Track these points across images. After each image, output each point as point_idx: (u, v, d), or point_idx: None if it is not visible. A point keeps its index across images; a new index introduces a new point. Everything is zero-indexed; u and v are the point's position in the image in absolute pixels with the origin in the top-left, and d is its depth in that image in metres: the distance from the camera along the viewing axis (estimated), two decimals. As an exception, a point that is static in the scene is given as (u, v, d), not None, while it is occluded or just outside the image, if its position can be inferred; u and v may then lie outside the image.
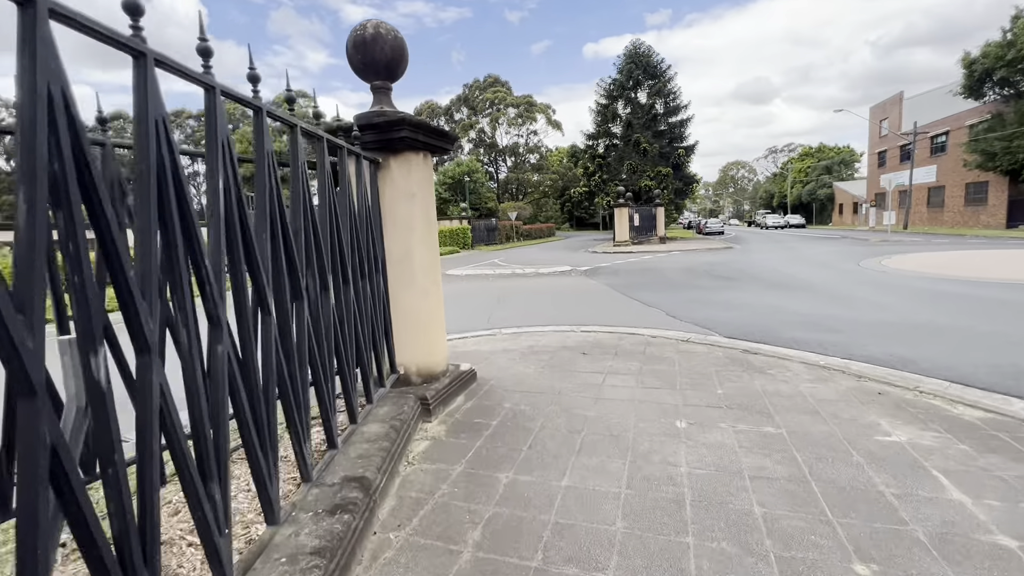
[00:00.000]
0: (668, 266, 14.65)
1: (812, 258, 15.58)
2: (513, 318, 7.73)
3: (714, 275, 12.01)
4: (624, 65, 36.30)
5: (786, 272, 12.07)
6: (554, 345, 5.57)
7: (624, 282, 11.46)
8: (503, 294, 10.41)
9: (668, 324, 6.74)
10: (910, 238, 23.74)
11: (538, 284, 11.89)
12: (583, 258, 19.88)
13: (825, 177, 62.26)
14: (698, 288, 9.96)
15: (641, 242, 26.89)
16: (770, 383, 3.96)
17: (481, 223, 32.92)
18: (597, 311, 8.02)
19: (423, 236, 3.64)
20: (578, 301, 9.14)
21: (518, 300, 9.55)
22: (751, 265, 14.07)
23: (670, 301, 8.59)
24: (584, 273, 13.87)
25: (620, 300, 9.01)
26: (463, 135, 64.64)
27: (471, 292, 11.01)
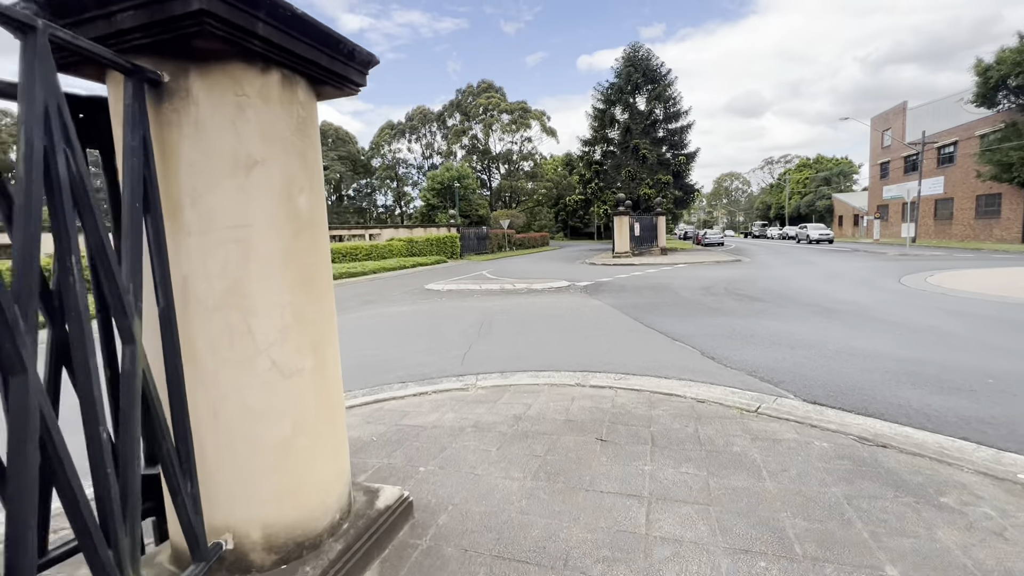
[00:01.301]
0: (680, 283, 12.81)
1: (839, 273, 13.83)
2: (496, 356, 5.81)
3: (738, 295, 10.17)
4: (623, 69, 34.85)
5: (821, 292, 10.28)
6: (553, 415, 3.65)
7: (633, 302, 9.59)
8: (488, 318, 8.49)
9: (710, 371, 4.84)
10: (929, 252, 22.15)
11: (531, 304, 9.99)
12: (581, 271, 18.03)
13: (824, 188, 61.23)
14: (727, 313, 8.10)
15: (641, 253, 25.12)
16: (969, 536, 2.07)
17: (471, 231, 31.06)
18: (608, 346, 6.12)
19: (281, 256, 1.72)
20: (581, 329, 7.24)
21: (505, 327, 7.63)
22: (776, 282, 12.27)
23: (698, 331, 6.71)
24: (584, 290, 11.99)
25: (634, 329, 7.11)
26: (456, 141, 63.05)
27: (449, 314, 9.08)
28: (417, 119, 67.86)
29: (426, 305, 10.24)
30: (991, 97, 28.15)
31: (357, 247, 21.33)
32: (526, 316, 8.53)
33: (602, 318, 8.09)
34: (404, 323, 8.29)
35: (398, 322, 8.41)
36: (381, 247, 22.69)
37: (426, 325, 8.01)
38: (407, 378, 5.09)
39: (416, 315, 9.06)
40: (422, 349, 6.35)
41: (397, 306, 10.29)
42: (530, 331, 7.24)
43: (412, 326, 7.98)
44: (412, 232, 26.46)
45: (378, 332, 7.61)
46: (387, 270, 19.67)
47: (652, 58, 34.68)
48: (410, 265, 21.37)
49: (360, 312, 9.67)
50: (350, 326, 8.18)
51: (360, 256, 21.25)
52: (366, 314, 9.38)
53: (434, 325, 7.99)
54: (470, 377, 4.92)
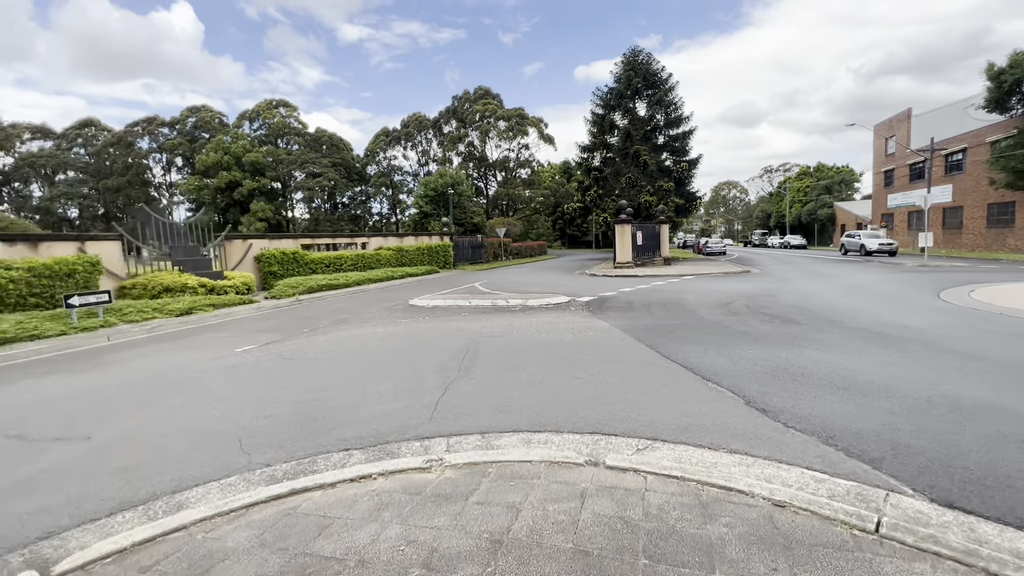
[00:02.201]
0: (693, 298, 11.50)
1: (863, 287, 12.56)
2: (479, 404, 4.46)
3: (765, 314, 8.87)
4: (622, 73, 33.82)
5: (857, 310, 8.98)
6: (552, 539, 2.30)
7: (645, 324, 8.27)
8: (474, 345, 7.15)
9: (767, 435, 3.51)
10: (948, 263, 20.95)
11: (526, 325, 8.65)
12: (581, 284, 16.72)
13: (825, 197, 60.32)
14: (759, 339, 6.79)
15: (644, 263, 23.86)
16: None
17: (465, 240, 29.74)
18: (622, 388, 4.78)
19: None
20: (586, 362, 5.90)
21: (494, 358, 6.29)
22: (800, 298, 10.98)
23: (732, 365, 5.39)
24: (587, 307, 10.66)
25: (652, 362, 5.78)
26: (452, 148, 62.01)
27: (429, 339, 7.74)
28: (413, 126, 66.83)
29: (405, 326, 8.89)
30: (1004, 102, 27.17)
31: (341, 256, 19.96)
32: (519, 342, 7.19)
33: (610, 345, 6.76)
34: (374, 351, 6.94)
35: (367, 349, 7.06)
36: (368, 256, 21.34)
37: (399, 354, 6.66)
38: (353, 441, 3.74)
39: (391, 340, 7.70)
40: (387, 391, 5.00)
41: (372, 327, 8.93)
42: (523, 364, 5.90)
43: (382, 355, 6.63)
44: (402, 240, 25.11)
45: (340, 363, 6.26)
46: (373, 281, 18.32)
47: (652, 62, 33.68)
48: (398, 276, 20.03)
49: (328, 335, 8.31)
50: (309, 354, 6.83)
51: (345, 266, 19.89)
52: (334, 337, 8.02)
53: (409, 354, 6.64)
54: (439, 443, 3.58)
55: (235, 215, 59.93)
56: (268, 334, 8.59)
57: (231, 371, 6.06)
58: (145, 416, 4.52)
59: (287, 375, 5.77)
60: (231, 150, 57.66)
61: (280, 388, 5.25)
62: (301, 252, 18.14)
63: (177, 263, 14.37)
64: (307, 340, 7.87)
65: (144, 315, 10.48)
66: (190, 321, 10.51)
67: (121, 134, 60.06)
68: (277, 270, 17.10)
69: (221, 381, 5.63)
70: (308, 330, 8.84)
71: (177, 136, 62.58)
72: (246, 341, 7.98)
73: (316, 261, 18.68)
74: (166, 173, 67.31)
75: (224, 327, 9.67)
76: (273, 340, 7.96)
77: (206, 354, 7.11)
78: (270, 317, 10.87)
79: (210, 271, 14.67)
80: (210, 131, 63.66)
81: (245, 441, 3.85)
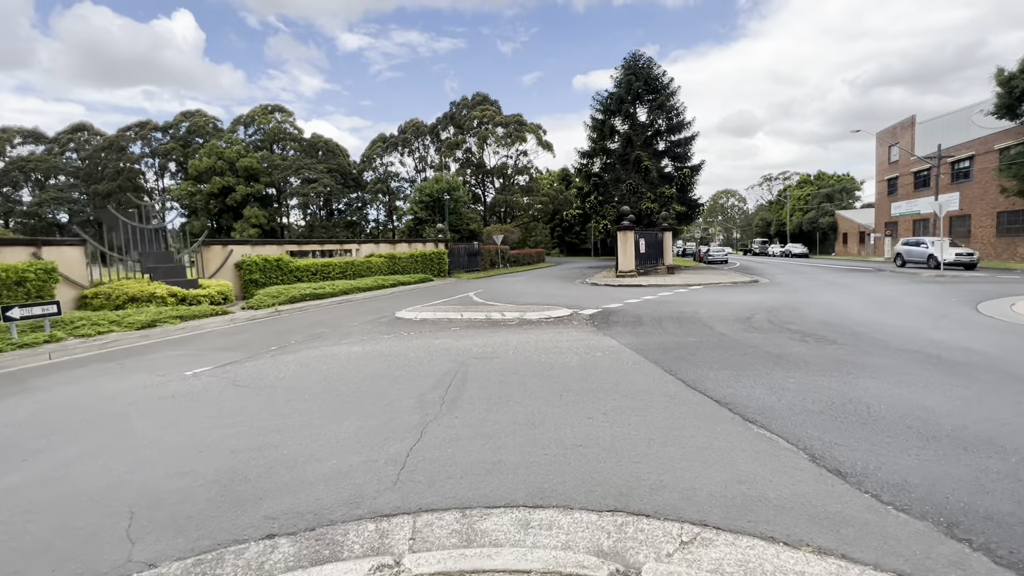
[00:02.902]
0: (707, 311, 10.50)
1: (889, 299, 11.59)
2: (461, 460, 3.42)
3: (793, 331, 7.86)
4: (623, 78, 33.07)
5: (894, 326, 8.00)
6: None
7: (659, 342, 7.26)
8: (462, 370, 6.12)
9: (856, 516, 2.48)
10: (967, 273, 20.04)
11: (523, 344, 7.63)
12: (583, 294, 15.71)
13: (826, 205, 59.68)
14: (798, 363, 5.78)
15: (647, 272, 22.89)
16: None
17: (461, 247, 28.76)
18: (645, 435, 3.76)
19: None
20: (596, 395, 4.88)
21: (484, 389, 5.27)
22: (824, 311, 10.00)
23: (777, 400, 4.38)
24: (591, 321, 9.65)
25: (677, 395, 4.77)
26: (449, 154, 61.27)
27: (410, 361, 6.71)
28: (410, 132, 66.11)
29: (387, 344, 7.86)
30: (1014, 108, 26.45)
31: (329, 264, 18.93)
32: (516, 365, 6.16)
33: (623, 371, 5.74)
34: (345, 376, 5.91)
35: (337, 374, 6.03)
36: (358, 264, 20.31)
37: (373, 381, 5.63)
38: (285, 520, 2.71)
39: (367, 361, 6.67)
40: (348, 434, 3.97)
41: (349, 344, 7.89)
42: (520, 395, 4.87)
43: (353, 382, 5.60)
44: (395, 247, 24.09)
45: (301, 393, 5.22)
46: (362, 290, 17.28)
47: (653, 67, 32.95)
48: (389, 284, 18.99)
49: (297, 354, 7.27)
50: (269, 379, 5.79)
51: (333, 274, 18.85)
52: (303, 358, 6.98)
53: (385, 381, 5.61)
54: (401, 528, 2.55)
55: (228, 221, 58.90)
56: (230, 352, 7.54)
57: (168, 403, 5.02)
58: (24, 474, 3.47)
59: (233, 409, 4.73)
60: (225, 155, 56.75)
61: (218, 428, 4.22)
62: (286, 259, 17.11)
63: (148, 270, 13.32)
64: (271, 361, 6.82)
65: (99, 328, 9.42)
66: (151, 335, 9.46)
67: (113, 138, 59.13)
68: (259, 278, 16.06)
69: (150, 417, 4.59)
70: (277, 348, 7.80)
71: (170, 141, 61.68)
72: (202, 361, 6.94)
73: (302, 269, 17.64)
74: (159, 178, 66.36)
75: (185, 343, 8.62)
76: (233, 360, 6.92)
77: (149, 378, 6.06)
78: (240, 331, 9.82)
79: (184, 279, 13.62)
80: (204, 136, 62.78)
81: (138, 517, 2.82)
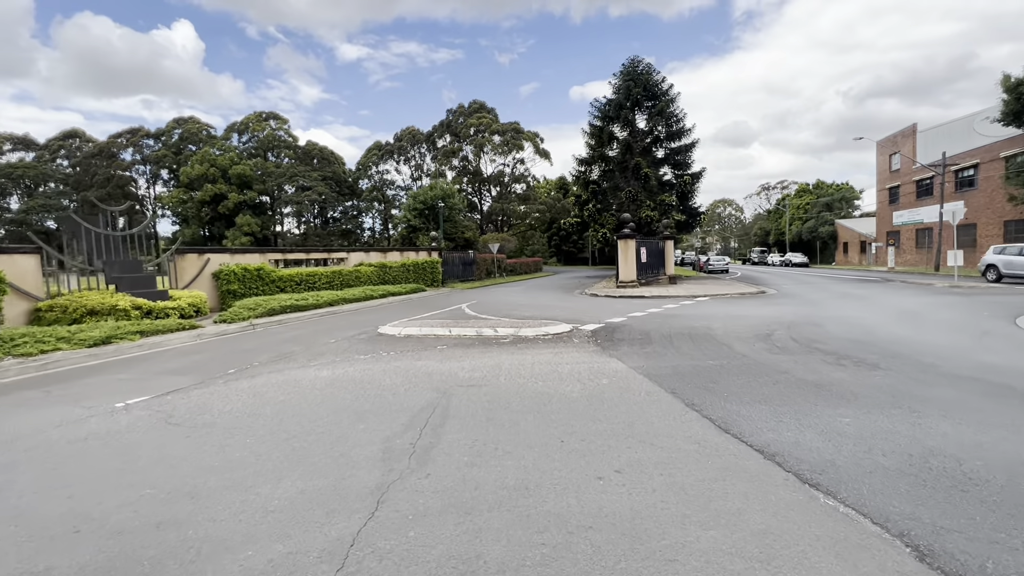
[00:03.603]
0: (721, 327, 9.57)
1: (914, 313, 10.70)
2: (422, 560, 2.43)
3: (823, 351, 6.93)
4: (621, 84, 32.48)
5: (936, 345, 7.08)
6: None
7: (674, 365, 6.31)
8: (443, 403, 5.15)
9: None
10: (983, 284, 19.22)
11: (517, 367, 6.67)
12: (582, 306, 14.78)
13: (826, 214, 59.18)
14: (844, 396, 4.84)
15: (648, 282, 22.00)
16: None
17: (456, 256, 27.83)
18: (678, 515, 2.79)
19: None
20: (607, 446, 3.92)
21: (464, 436, 4.30)
22: (851, 328, 9.08)
23: (836, 453, 3.42)
24: (593, 339, 8.70)
25: (708, 443, 3.80)
26: (445, 162, 60.58)
27: (382, 391, 5.74)
28: (406, 139, 65.48)
29: (361, 367, 6.87)
30: (1021, 115, 25.87)
31: (315, 273, 17.95)
32: (508, 397, 5.19)
33: (636, 406, 4.78)
34: (299, 412, 4.93)
35: (293, 408, 5.05)
36: (346, 273, 19.33)
37: (335, 417, 4.65)
38: None
39: (332, 391, 5.69)
40: (279, 506, 2.99)
41: (317, 367, 6.90)
42: (510, 444, 3.90)
43: (307, 421, 4.62)
44: (386, 256, 23.12)
45: (242, 434, 4.24)
46: (348, 301, 16.30)
47: (652, 73, 32.37)
48: (378, 295, 18.00)
49: (254, 379, 6.28)
50: (211, 414, 4.80)
51: (319, 284, 17.87)
52: (259, 385, 6.00)
53: (349, 417, 4.64)
54: None
55: (220, 229, 57.92)
56: (180, 376, 6.55)
57: (73, 449, 4.03)
58: None
59: (150, 460, 3.75)
60: (217, 162, 55.92)
61: (119, 491, 3.23)
62: (267, 269, 16.13)
63: (112, 280, 12.32)
64: (223, 389, 5.83)
65: (43, 347, 8.41)
66: (102, 354, 8.45)
67: (104, 145, 58.24)
68: (237, 289, 15.06)
69: (39, 472, 3.60)
70: (236, 370, 6.81)
71: (162, 148, 60.80)
72: (143, 388, 5.94)
73: (285, 279, 16.65)
74: (151, 186, 65.40)
75: (135, 364, 7.62)
76: (178, 388, 5.93)
77: (70, 412, 5.06)
78: (204, 349, 8.82)
79: (153, 290, 12.61)
80: (197, 143, 61.96)
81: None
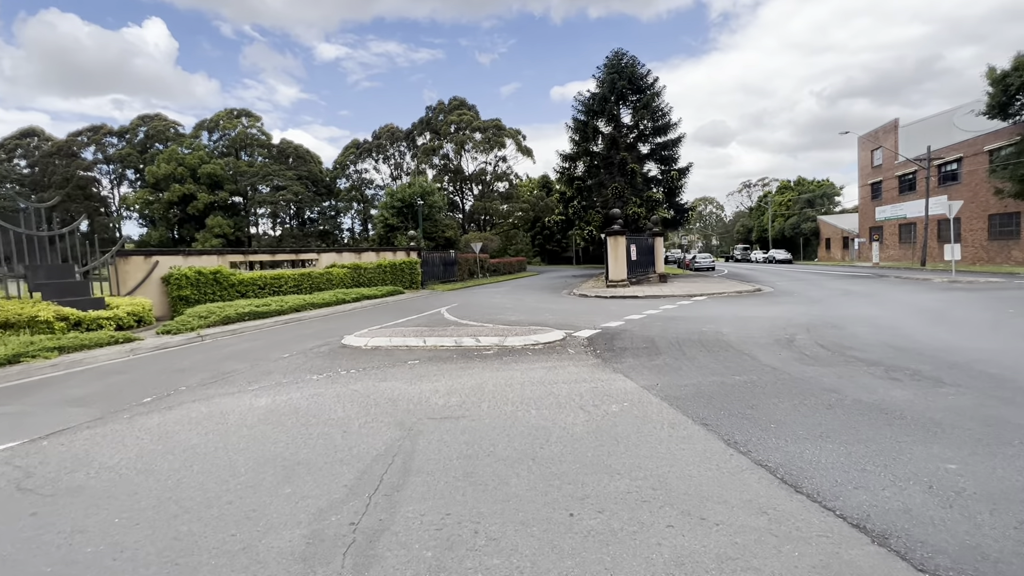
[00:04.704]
0: (731, 331, 8.51)
1: (940, 312, 9.85)
2: None
3: (864, 360, 5.90)
4: (606, 77, 31.52)
5: (984, 350, 6.12)
6: None
7: (694, 384, 5.19)
8: (406, 446, 3.94)
9: None
10: (983, 278, 18.70)
11: (504, 391, 5.48)
12: (573, 307, 13.64)
13: (808, 211, 59.35)
14: (926, 426, 3.77)
15: (639, 281, 21.02)
16: None
17: (436, 256, 26.49)
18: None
19: None
20: (640, 526, 2.75)
21: (429, 513, 3.09)
22: (877, 330, 8.11)
23: (968, 523, 2.31)
24: (591, 347, 7.55)
25: (775, 507, 2.66)
26: (426, 160, 59.04)
27: (324, 434, 4.48)
28: (385, 137, 63.74)
29: (309, 391, 5.59)
30: (1006, 107, 25.67)
31: (281, 276, 16.47)
32: (491, 438, 3.99)
33: (662, 447, 3.62)
34: (211, 466, 3.65)
35: (201, 461, 3.77)
36: (316, 276, 17.87)
37: (251, 478, 3.38)
38: None
39: (265, 428, 4.42)
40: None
41: (255, 393, 5.60)
42: (495, 524, 2.70)
43: (215, 484, 3.35)
44: (360, 257, 21.69)
45: (108, 514, 2.96)
46: (317, 306, 14.86)
47: (637, 66, 31.50)
48: (351, 299, 16.60)
49: (171, 412, 4.96)
50: (82, 474, 3.49)
51: (285, 288, 16.41)
52: (174, 420, 4.68)
53: (272, 475, 3.38)
54: None
55: (190, 231, 55.40)
56: (77, 409, 5.18)
57: None
58: None
59: (-55, 565, 2.45)
60: (186, 161, 53.42)
61: None
62: (225, 272, 14.62)
63: (37, 287, 10.75)
64: (121, 429, 4.50)
65: (-74, 370, 6.92)
66: (4, 375, 6.99)
67: (63, 143, 55.15)
68: (190, 294, 13.54)
69: None
70: (152, 399, 5.46)
71: (126, 146, 57.91)
72: (17, 428, 4.58)
73: (246, 282, 15.16)
74: (115, 186, 62.29)
75: (34, 390, 6.20)
76: (65, 427, 4.58)
77: None
78: (128, 368, 7.41)
79: (86, 298, 11.06)
80: (165, 141, 59.22)
81: None
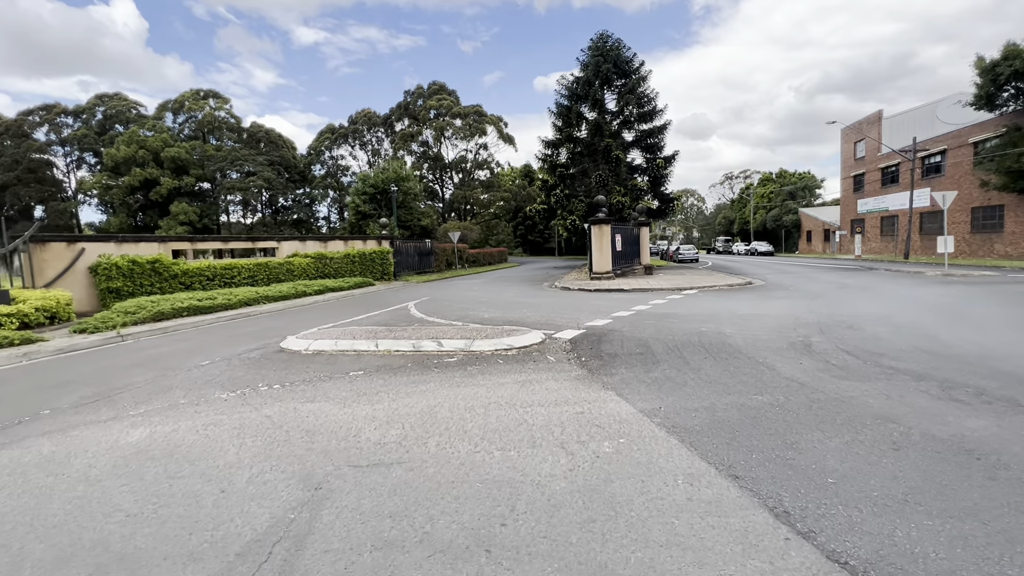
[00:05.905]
0: (735, 331, 7.44)
1: (952, 308, 8.98)
2: None
3: (906, 372, 4.86)
4: (590, 60, 30.23)
5: (1012, 355, 5.16)
6: None
7: (707, 407, 4.06)
8: (299, 524, 2.70)
9: None
10: (977, 271, 18.17)
11: (461, 420, 4.27)
12: (555, 302, 12.48)
13: (790, 203, 59.33)
14: (1011, 470, 2.70)
15: (624, 273, 19.99)
16: None
17: (411, 245, 25.03)
18: None
19: None
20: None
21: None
22: (895, 329, 7.14)
23: None
24: (575, 353, 6.38)
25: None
26: (404, 146, 56.99)
27: (191, 495, 3.21)
28: (361, 122, 61.35)
29: (205, 419, 4.29)
30: (994, 98, 25.29)
31: (233, 266, 14.91)
32: (431, 504, 2.77)
33: (685, 527, 2.45)
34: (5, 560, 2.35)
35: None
36: (275, 266, 16.34)
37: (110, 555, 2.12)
38: None
39: (109, 484, 3.13)
40: None
41: (132, 421, 4.28)
42: None
43: None
44: (326, 245, 20.14)
45: None
46: (272, 300, 13.38)
47: (623, 48, 30.28)
48: (313, 291, 15.14)
49: (6, 450, 3.63)
50: None
51: (239, 279, 14.87)
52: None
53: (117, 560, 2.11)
54: None
55: (152, 218, 52.51)
56: None
57: None
58: None
59: None
60: (148, 144, 50.40)
61: None
62: (166, 261, 13.03)
63: (-77, 279, 9.12)
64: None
65: None
66: None
67: (11, 123, 51.46)
68: (122, 286, 11.95)
69: None
70: (-4, 429, 4.10)
71: (82, 127, 54.42)
72: None
73: (191, 273, 13.59)
74: (72, 170, 58.67)
75: None
76: None
77: None
78: (7, 380, 5.98)
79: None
80: (125, 123, 55.86)
81: None
